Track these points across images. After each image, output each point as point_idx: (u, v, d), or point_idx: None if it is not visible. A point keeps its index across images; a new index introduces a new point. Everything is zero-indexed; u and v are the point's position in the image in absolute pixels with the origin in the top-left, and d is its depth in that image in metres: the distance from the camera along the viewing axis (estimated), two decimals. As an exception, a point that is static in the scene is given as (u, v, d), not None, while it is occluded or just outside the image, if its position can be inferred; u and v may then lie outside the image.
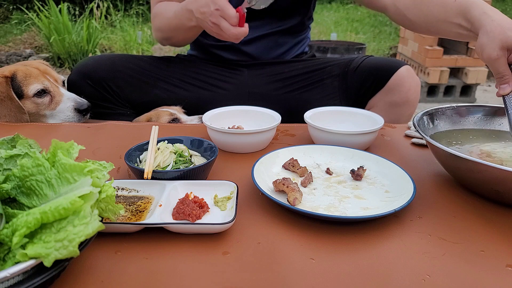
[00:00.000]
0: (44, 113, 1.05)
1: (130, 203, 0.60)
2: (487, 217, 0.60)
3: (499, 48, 0.71)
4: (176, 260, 0.49)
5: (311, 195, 0.65)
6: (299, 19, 1.21)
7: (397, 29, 5.38)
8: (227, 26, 0.87)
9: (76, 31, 4.44)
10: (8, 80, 1.00)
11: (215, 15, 0.87)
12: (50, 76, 1.08)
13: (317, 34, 5.37)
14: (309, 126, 0.86)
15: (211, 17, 0.89)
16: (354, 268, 0.48)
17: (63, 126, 0.99)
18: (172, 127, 0.98)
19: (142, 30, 5.07)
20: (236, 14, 0.86)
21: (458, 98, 3.53)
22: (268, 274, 0.47)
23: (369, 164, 0.72)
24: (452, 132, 0.79)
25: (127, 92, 1.14)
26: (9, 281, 0.36)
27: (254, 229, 0.56)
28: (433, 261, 0.50)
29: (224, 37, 0.90)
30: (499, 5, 5.96)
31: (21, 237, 0.38)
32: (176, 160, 0.69)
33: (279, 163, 0.74)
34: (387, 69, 1.10)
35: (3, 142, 0.54)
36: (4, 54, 4.37)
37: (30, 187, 0.43)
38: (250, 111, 0.95)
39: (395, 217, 0.59)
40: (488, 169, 0.57)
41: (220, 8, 0.86)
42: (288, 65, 1.22)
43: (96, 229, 0.39)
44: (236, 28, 0.87)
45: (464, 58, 3.46)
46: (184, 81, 1.19)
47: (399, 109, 1.11)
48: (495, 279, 0.47)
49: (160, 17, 1.10)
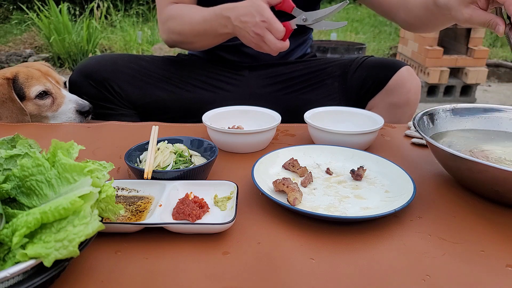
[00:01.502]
0: (46, 114, 1.05)
1: (130, 203, 0.60)
2: (487, 217, 0.60)
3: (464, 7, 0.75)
4: (176, 260, 0.49)
5: (311, 195, 0.65)
6: None
7: (397, 29, 5.38)
8: (273, 40, 0.86)
9: (76, 31, 4.45)
10: (10, 82, 1.00)
11: (261, 26, 0.86)
12: (51, 77, 1.08)
13: (317, 34, 5.37)
14: (309, 126, 0.86)
15: (254, 28, 0.87)
16: (354, 268, 0.48)
17: (63, 126, 0.99)
18: (172, 127, 0.98)
19: (142, 30, 5.08)
20: (283, 29, 0.85)
21: (458, 98, 3.53)
22: (268, 274, 0.47)
23: (369, 164, 0.72)
24: (452, 132, 0.80)
25: (129, 92, 1.14)
26: (9, 281, 0.36)
27: (254, 229, 0.56)
28: (433, 261, 0.50)
29: (265, 49, 0.89)
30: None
31: (21, 237, 0.38)
32: (176, 160, 0.69)
33: (279, 163, 0.74)
34: (387, 69, 1.10)
35: (3, 142, 0.54)
36: (4, 54, 4.37)
37: (30, 187, 0.43)
38: (250, 111, 0.95)
39: (395, 217, 0.59)
40: (488, 169, 0.57)
41: (267, 20, 0.85)
42: (289, 66, 1.22)
43: (96, 229, 0.39)
44: (281, 42, 0.86)
45: (464, 58, 3.46)
46: (186, 82, 1.19)
47: (400, 110, 1.10)
48: (495, 279, 0.47)
49: (179, 20, 1.06)
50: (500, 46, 4.94)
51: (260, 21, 0.85)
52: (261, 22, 0.86)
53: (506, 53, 4.64)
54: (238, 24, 0.90)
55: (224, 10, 0.93)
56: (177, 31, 1.07)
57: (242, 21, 0.89)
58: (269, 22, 0.85)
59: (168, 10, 1.09)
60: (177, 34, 1.08)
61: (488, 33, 5.07)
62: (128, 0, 6.04)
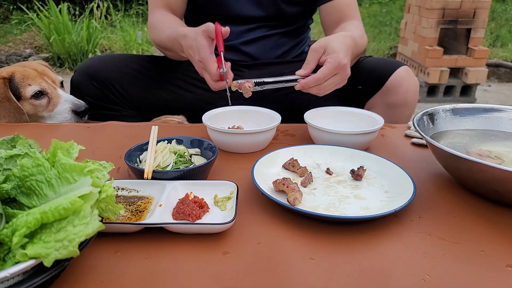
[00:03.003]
0: (42, 114, 1.05)
1: (130, 203, 0.60)
2: (487, 217, 0.60)
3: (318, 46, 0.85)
4: (176, 260, 0.49)
5: (311, 195, 0.64)
6: (301, 22, 1.22)
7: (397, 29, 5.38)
8: (209, 80, 0.88)
9: (76, 31, 4.44)
10: (6, 81, 1.00)
11: (199, 66, 0.88)
12: (48, 77, 1.08)
13: (317, 34, 5.37)
14: (309, 126, 0.86)
15: (194, 64, 0.90)
16: (354, 268, 0.48)
17: (63, 126, 0.99)
18: (172, 127, 0.98)
19: (142, 30, 5.07)
20: (216, 73, 0.85)
21: (458, 98, 3.53)
22: (268, 274, 0.47)
23: (369, 164, 0.72)
24: (452, 132, 0.79)
25: (132, 93, 1.14)
26: (9, 281, 0.36)
27: (254, 229, 0.56)
28: (433, 261, 0.50)
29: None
30: (499, 5, 5.96)
31: (21, 237, 0.38)
32: (176, 160, 0.69)
33: (279, 163, 0.74)
34: (385, 70, 1.10)
35: (3, 142, 0.54)
36: (4, 54, 4.37)
37: (30, 187, 0.43)
38: (250, 111, 0.95)
39: (395, 217, 0.59)
40: (488, 169, 0.57)
41: (202, 60, 0.86)
42: (288, 65, 1.22)
43: (96, 229, 0.39)
44: (216, 83, 0.88)
45: (464, 58, 3.46)
46: (186, 82, 1.19)
47: (398, 110, 1.10)
48: (495, 279, 0.47)
49: (155, 32, 1.10)
50: (500, 46, 4.94)
51: (198, 60, 0.87)
52: (198, 61, 0.88)
53: (506, 53, 4.64)
54: (187, 54, 0.93)
55: (180, 36, 0.94)
56: (154, 42, 1.12)
57: (188, 53, 0.92)
58: (204, 63, 0.86)
59: (152, 18, 1.13)
60: (156, 44, 1.13)
61: (488, 33, 5.08)
62: (128, 0, 6.04)
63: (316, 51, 0.86)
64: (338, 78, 0.85)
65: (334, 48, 0.83)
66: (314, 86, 0.84)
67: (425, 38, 3.46)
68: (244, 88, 0.84)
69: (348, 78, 0.87)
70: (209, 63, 0.85)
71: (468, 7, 3.31)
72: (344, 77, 0.86)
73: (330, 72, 0.82)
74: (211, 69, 0.85)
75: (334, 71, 0.83)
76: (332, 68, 0.82)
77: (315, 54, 0.86)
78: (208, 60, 0.85)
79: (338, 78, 0.85)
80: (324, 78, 0.83)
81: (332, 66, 0.82)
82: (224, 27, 0.87)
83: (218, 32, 0.86)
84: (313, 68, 0.87)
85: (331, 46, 0.84)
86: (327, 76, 0.83)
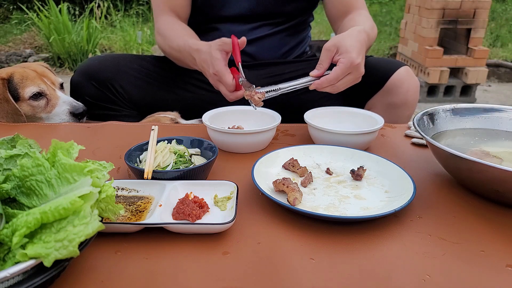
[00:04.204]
0: (40, 116, 1.05)
1: (130, 203, 0.60)
2: (487, 217, 0.60)
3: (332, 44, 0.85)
4: (176, 260, 0.49)
5: (311, 195, 0.64)
6: (302, 19, 1.22)
7: (397, 29, 5.38)
8: (224, 91, 0.88)
9: (76, 31, 4.44)
10: (5, 82, 1.00)
11: (213, 78, 0.89)
12: (47, 78, 1.08)
13: (317, 34, 5.37)
14: (309, 126, 0.86)
15: (209, 77, 0.91)
16: (354, 268, 0.48)
17: (63, 126, 0.99)
18: (172, 127, 0.98)
19: (142, 30, 5.07)
20: (232, 83, 0.85)
21: (458, 98, 3.53)
22: (268, 274, 0.47)
23: (369, 164, 0.72)
24: (452, 132, 0.79)
25: (131, 93, 1.14)
26: (9, 281, 0.36)
27: (254, 229, 0.56)
28: (433, 261, 0.50)
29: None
30: (499, 5, 5.95)
31: (21, 237, 0.38)
32: (176, 160, 0.69)
33: (279, 163, 0.74)
34: (385, 70, 1.10)
35: (3, 142, 0.54)
36: (4, 54, 4.36)
37: (30, 187, 0.43)
38: (250, 111, 0.95)
39: (395, 217, 0.59)
40: (488, 169, 0.57)
41: (217, 73, 0.86)
42: (289, 65, 1.21)
43: (96, 229, 0.39)
44: (232, 94, 0.88)
45: (464, 58, 3.46)
46: (187, 82, 1.19)
47: (398, 110, 1.10)
48: (495, 279, 0.47)
49: (163, 42, 1.10)
50: (500, 46, 4.94)
51: (212, 73, 0.88)
52: (213, 74, 0.88)
53: (506, 53, 4.64)
54: (201, 67, 0.94)
55: (193, 50, 0.95)
56: (162, 48, 1.13)
57: (202, 66, 0.92)
58: (219, 76, 0.86)
59: (159, 23, 1.13)
60: (163, 51, 1.14)
61: (488, 33, 5.08)
62: (128, 0, 6.04)
63: (329, 50, 0.85)
64: (351, 77, 0.85)
65: (347, 47, 0.83)
66: (328, 86, 0.85)
67: (425, 38, 3.46)
68: (254, 100, 0.84)
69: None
70: (225, 74, 0.85)
71: (468, 7, 3.31)
72: (358, 76, 0.86)
73: (343, 72, 0.82)
74: (227, 80, 0.85)
75: (347, 71, 0.83)
76: (345, 68, 0.82)
77: (328, 54, 0.85)
78: (224, 72, 0.86)
79: (352, 77, 0.85)
80: (337, 79, 0.83)
81: (345, 67, 0.82)
82: (240, 38, 0.88)
83: (235, 44, 0.88)
84: (327, 68, 0.87)
85: (344, 45, 0.83)
86: (340, 77, 0.83)
